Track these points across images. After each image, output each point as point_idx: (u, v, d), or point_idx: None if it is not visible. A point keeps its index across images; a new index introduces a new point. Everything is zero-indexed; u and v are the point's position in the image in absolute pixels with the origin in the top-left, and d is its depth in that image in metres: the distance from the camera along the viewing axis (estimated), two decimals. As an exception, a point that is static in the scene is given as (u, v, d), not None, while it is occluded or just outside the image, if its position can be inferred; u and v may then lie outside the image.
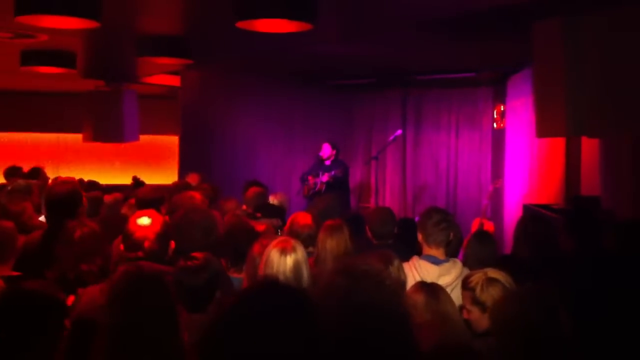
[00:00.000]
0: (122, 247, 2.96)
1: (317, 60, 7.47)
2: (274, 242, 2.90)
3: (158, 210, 4.16)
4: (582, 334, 2.35)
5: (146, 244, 2.86)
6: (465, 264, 3.49)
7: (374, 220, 4.25)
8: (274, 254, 2.81)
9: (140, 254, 2.85)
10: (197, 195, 4.44)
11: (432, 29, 5.54)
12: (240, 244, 3.44)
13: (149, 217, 2.94)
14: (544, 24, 4.28)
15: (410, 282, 3.02)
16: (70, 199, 3.66)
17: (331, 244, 3.60)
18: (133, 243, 2.88)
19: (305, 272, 2.82)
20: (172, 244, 3.04)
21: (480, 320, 2.63)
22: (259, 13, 4.25)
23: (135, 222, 2.92)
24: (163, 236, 2.92)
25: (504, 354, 2.18)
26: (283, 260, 2.79)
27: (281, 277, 2.70)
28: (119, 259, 3.00)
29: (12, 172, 7.29)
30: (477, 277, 2.69)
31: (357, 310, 1.71)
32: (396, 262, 2.91)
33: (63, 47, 6.38)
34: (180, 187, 5.42)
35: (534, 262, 3.70)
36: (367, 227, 4.26)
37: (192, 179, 6.37)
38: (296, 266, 2.79)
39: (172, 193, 4.70)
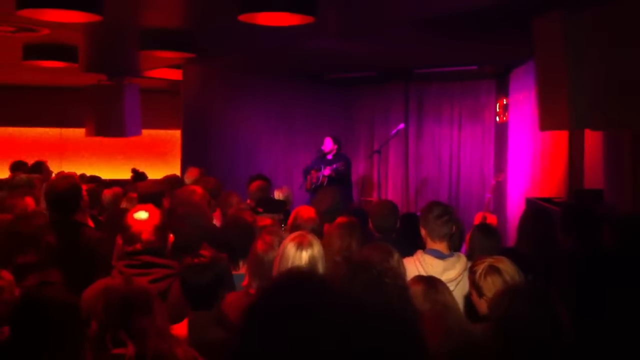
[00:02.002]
0: (120, 241, 2.97)
1: (319, 55, 7.45)
2: (291, 237, 2.88)
3: (160, 203, 4.18)
4: (581, 331, 2.35)
5: (144, 237, 2.86)
6: (470, 257, 3.50)
7: (376, 213, 4.24)
8: (290, 248, 2.80)
9: (138, 246, 2.86)
10: (198, 190, 4.41)
11: (433, 25, 5.53)
12: (234, 241, 3.42)
13: (147, 210, 2.94)
14: (544, 18, 4.27)
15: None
16: (70, 194, 3.68)
17: (334, 240, 3.59)
18: (130, 237, 2.89)
19: (320, 268, 2.80)
20: (171, 237, 3.04)
21: (479, 303, 2.71)
22: (261, 6, 4.24)
23: (132, 216, 2.93)
24: (161, 229, 2.92)
25: (499, 349, 2.18)
26: (299, 255, 2.77)
27: None
28: (121, 254, 3.01)
29: (18, 167, 7.30)
30: (483, 262, 2.77)
31: (354, 305, 1.70)
32: (396, 256, 2.91)
33: (65, 41, 6.37)
34: (172, 181, 5.39)
35: (535, 258, 3.70)
36: (369, 221, 4.26)
37: (192, 172, 6.36)
38: (311, 261, 2.77)
39: (166, 188, 4.67)
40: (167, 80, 9.16)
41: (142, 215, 2.92)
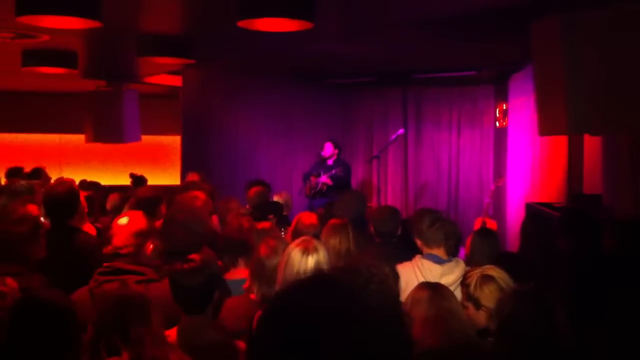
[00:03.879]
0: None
1: (318, 59, 7.47)
2: (296, 242, 2.87)
3: (157, 209, 4.17)
4: (581, 334, 2.34)
5: (114, 242, 2.91)
6: (471, 261, 3.49)
7: (377, 218, 4.24)
8: (295, 254, 2.79)
9: (109, 249, 2.92)
10: (201, 195, 4.39)
11: (432, 29, 5.54)
12: (235, 246, 3.44)
13: (129, 217, 2.98)
14: (542, 22, 4.27)
15: (413, 281, 3.01)
16: (68, 200, 3.68)
17: (334, 242, 3.59)
18: (107, 239, 2.99)
19: None
20: (148, 246, 3.03)
21: (476, 316, 2.65)
22: (260, 12, 4.24)
23: (116, 221, 2.99)
24: (135, 237, 2.92)
25: (501, 352, 2.18)
26: (304, 260, 2.76)
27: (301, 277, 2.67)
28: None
29: (14, 173, 7.28)
30: (474, 273, 2.73)
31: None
32: (387, 267, 2.87)
33: (64, 47, 6.38)
34: (186, 187, 5.39)
35: (537, 262, 3.70)
36: (371, 226, 4.26)
37: (191, 178, 6.35)
38: (317, 267, 2.75)
39: (164, 194, 4.67)
40: (166, 86, 9.17)
41: (123, 220, 2.97)
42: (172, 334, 2.50)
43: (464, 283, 2.75)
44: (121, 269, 2.84)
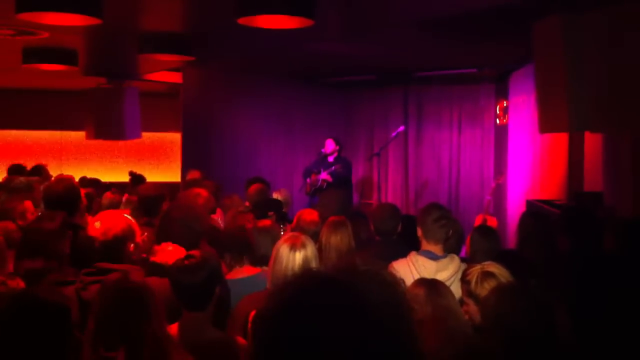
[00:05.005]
0: None
1: (318, 58, 7.46)
2: (284, 238, 2.91)
3: (159, 208, 4.18)
4: (580, 333, 2.34)
5: (97, 250, 2.90)
6: (472, 259, 3.49)
7: (377, 216, 4.24)
8: (283, 250, 2.82)
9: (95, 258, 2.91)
10: (203, 192, 4.39)
11: (433, 28, 5.53)
12: (235, 243, 3.44)
13: (101, 222, 2.95)
14: (543, 22, 4.27)
15: (408, 278, 3.02)
16: (68, 197, 3.69)
17: (335, 239, 3.61)
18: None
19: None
20: (131, 247, 3.00)
21: (476, 312, 2.64)
22: (260, 9, 4.24)
23: (92, 223, 2.98)
24: (110, 242, 2.90)
25: (499, 350, 2.18)
26: (292, 256, 2.79)
27: (289, 273, 2.69)
28: None
29: (16, 171, 7.28)
30: (475, 270, 2.72)
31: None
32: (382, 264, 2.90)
33: (64, 44, 6.37)
34: (190, 184, 5.40)
35: (537, 260, 3.70)
36: (371, 223, 4.26)
37: (192, 175, 6.36)
38: (305, 263, 2.79)
39: (166, 192, 4.66)
40: (167, 83, 9.16)
41: (96, 225, 2.95)
42: (172, 330, 2.49)
43: (464, 279, 2.74)
44: (106, 269, 2.82)
